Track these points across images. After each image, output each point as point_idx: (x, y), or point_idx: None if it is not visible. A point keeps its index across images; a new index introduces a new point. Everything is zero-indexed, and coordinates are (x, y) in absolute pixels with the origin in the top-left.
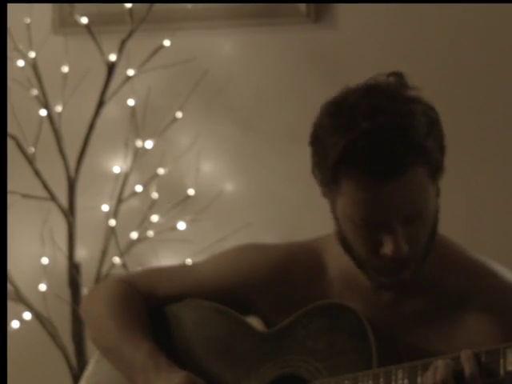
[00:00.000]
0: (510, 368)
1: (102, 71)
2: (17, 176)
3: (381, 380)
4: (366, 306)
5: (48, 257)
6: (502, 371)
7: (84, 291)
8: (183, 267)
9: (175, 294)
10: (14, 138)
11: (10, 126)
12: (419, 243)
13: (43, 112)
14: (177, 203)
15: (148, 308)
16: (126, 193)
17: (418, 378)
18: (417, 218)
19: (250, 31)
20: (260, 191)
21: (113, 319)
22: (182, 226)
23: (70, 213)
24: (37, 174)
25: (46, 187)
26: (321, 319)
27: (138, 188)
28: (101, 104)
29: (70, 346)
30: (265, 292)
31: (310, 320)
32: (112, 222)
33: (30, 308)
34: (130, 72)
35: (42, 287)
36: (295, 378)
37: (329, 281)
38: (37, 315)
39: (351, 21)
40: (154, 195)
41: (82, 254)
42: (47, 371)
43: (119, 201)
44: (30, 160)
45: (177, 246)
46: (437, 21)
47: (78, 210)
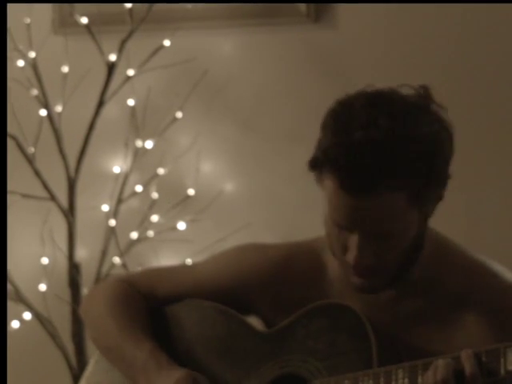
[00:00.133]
0: (510, 367)
1: (102, 71)
2: (17, 176)
3: (381, 380)
4: (366, 306)
5: (48, 257)
6: (502, 370)
7: (84, 291)
8: (183, 267)
9: (175, 293)
10: (13, 138)
11: (9, 126)
12: (389, 260)
13: (43, 112)
14: (177, 203)
15: (148, 307)
16: (126, 193)
17: (419, 378)
18: (386, 237)
19: (250, 31)
20: (260, 191)
21: (113, 318)
22: (181, 226)
23: (69, 213)
24: (37, 173)
25: (45, 187)
26: (321, 319)
27: (138, 188)
28: (101, 104)
29: (69, 346)
30: (265, 292)
31: (310, 320)
32: (112, 222)
33: (29, 308)
34: (130, 72)
35: (42, 287)
36: (295, 377)
37: (329, 281)
38: (37, 315)
39: (351, 21)
40: (154, 195)
41: (81, 253)
42: (47, 371)
43: (119, 201)
44: (29, 160)
45: (177, 246)
46: (437, 21)
47: (78, 210)
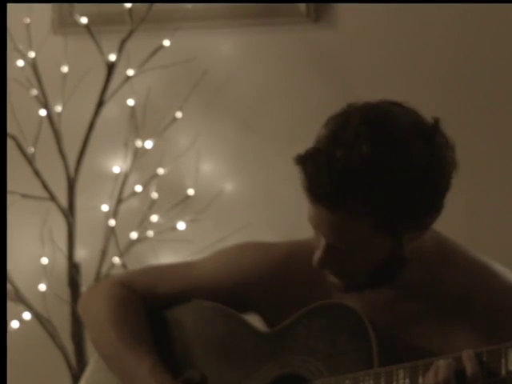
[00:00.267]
0: (511, 368)
1: (102, 71)
2: (16, 176)
3: (382, 380)
4: (366, 306)
5: (48, 257)
6: (503, 371)
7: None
8: (182, 265)
9: (174, 292)
10: (13, 138)
11: (9, 126)
12: (356, 268)
13: (43, 112)
14: (177, 203)
15: (147, 311)
16: (126, 193)
17: (420, 378)
18: (348, 251)
19: (250, 31)
20: (260, 191)
21: (112, 326)
22: (181, 226)
23: (69, 213)
24: (36, 173)
25: (45, 187)
26: (321, 319)
27: (138, 188)
28: (100, 104)
29: (69, 346)
30: (264, 290)
31: (310, 320)
32: (112, 222)
33: (29, 308)
34: (130, 72)
35: (42, 287)
36: (296, 377)
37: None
38: (36, 315)
39: (351, 21)
40: (154, 195)
41: (81, 253)
42: (47, 371)
43: (119, 201)
44: (29, 160)
45: (177, 246)
46: (437, 21)
47: (78, 210)
